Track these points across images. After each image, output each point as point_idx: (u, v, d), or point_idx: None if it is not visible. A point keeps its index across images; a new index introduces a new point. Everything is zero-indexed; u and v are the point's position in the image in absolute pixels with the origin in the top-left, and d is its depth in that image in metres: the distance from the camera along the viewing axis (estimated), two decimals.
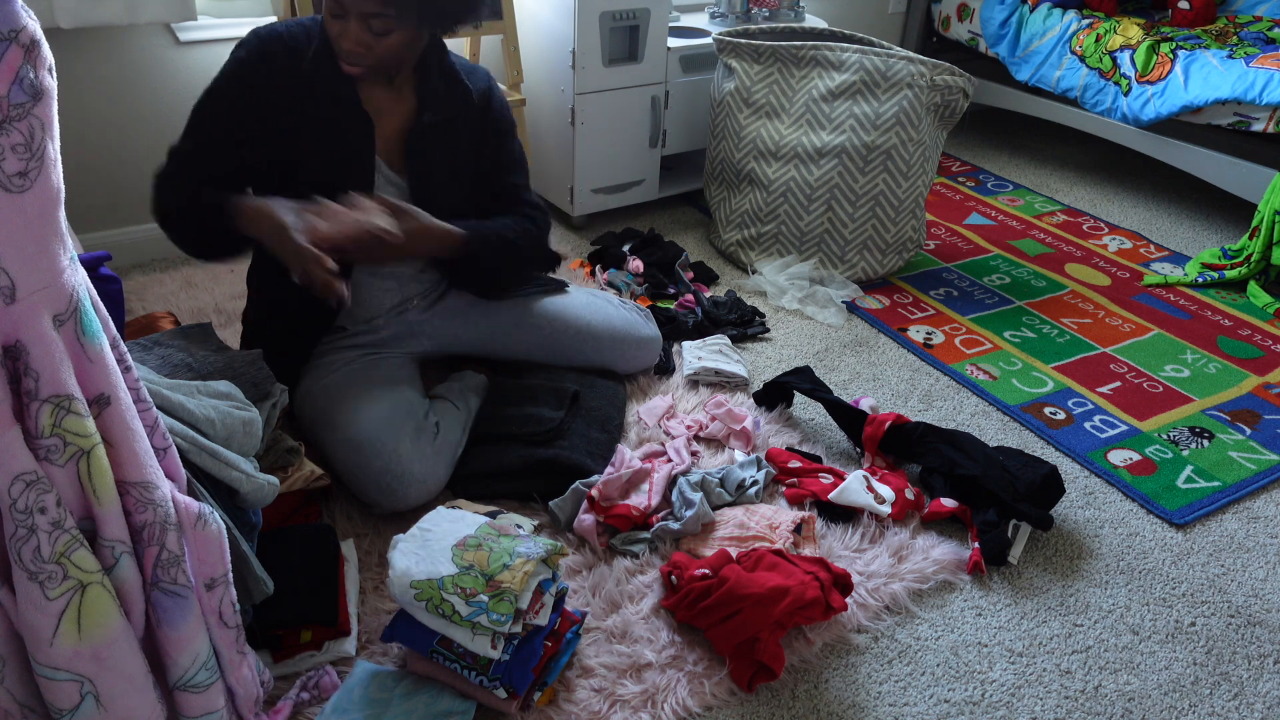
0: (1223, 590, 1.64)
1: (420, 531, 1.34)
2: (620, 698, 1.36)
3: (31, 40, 0.84)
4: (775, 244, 2.60)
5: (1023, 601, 1.59)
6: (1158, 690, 1.44)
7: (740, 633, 1.39)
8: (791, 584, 1.42)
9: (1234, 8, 3.42)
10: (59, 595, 0.94)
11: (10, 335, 0.89)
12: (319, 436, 1.68)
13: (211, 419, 1.26)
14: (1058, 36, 3.26)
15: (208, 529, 1.08)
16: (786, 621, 1.40)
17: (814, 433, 1.97)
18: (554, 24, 2.57)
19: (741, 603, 1.40)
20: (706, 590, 1.44)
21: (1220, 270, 2.69)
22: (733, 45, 2.55)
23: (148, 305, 2.28)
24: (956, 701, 1.40)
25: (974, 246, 2.86)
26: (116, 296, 1.78)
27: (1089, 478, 1.89)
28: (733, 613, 1.40)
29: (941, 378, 2.20)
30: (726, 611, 1.40)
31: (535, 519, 1.63)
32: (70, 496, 0.95)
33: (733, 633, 1.39)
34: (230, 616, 1.13)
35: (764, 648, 1.37)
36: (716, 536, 1.62)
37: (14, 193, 0.85)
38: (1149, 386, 2.19)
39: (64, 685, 0.97)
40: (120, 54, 2.30)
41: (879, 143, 2.42)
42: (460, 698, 1.30)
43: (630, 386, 2.05)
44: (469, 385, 1.88)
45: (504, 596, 1.24)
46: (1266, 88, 2.65)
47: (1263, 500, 1.85)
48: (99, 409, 0.97)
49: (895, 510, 1.70)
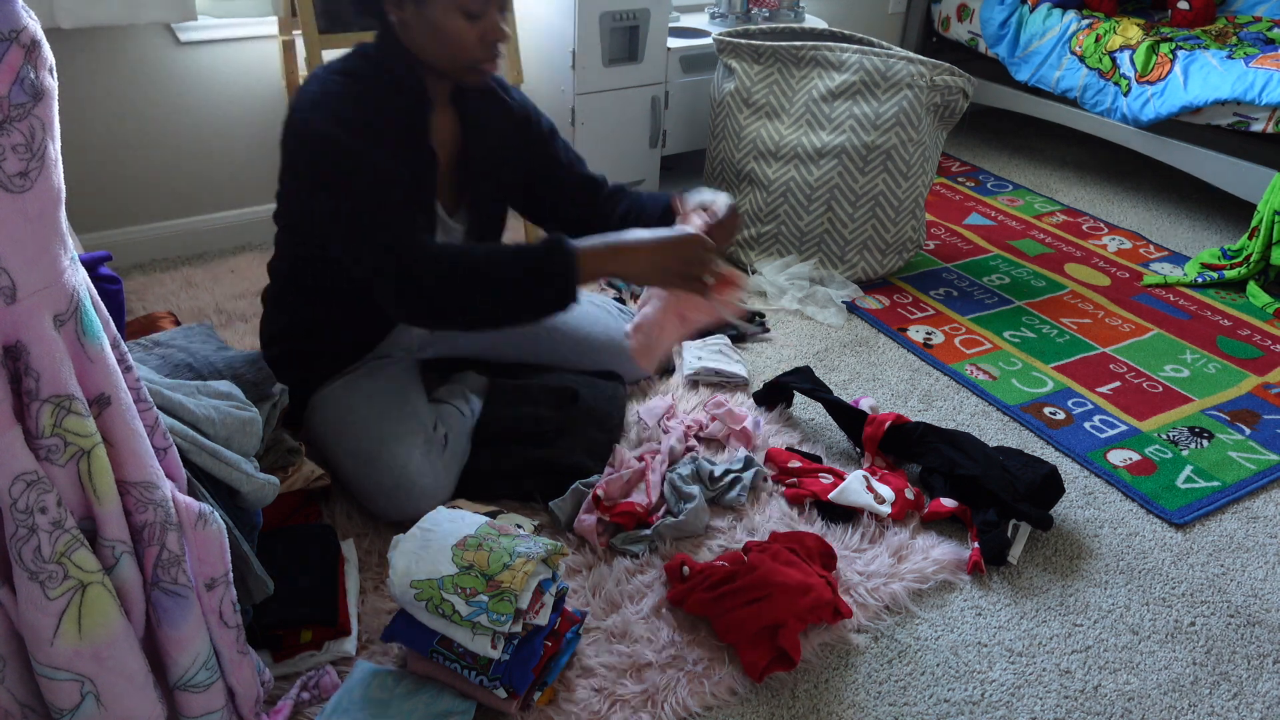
0: (1222, 590, 1.64)
1: (420, 531, 1.34)
2: (620, 698, 1.36)
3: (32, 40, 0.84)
4: (775, 244, 2.60)
5: (1022, 601, 1.59)
6: (1157, 690, 1.44)
7: (764, 617, 1.40)
8: (814, 582, 1.45)
9: (1234, 8, 3.42)
10: (59, 595, 0.94)
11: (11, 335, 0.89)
12: (329, 444, 1.66)
13: (212, 419, 1.26)
14: (1057, 37, 3.26)
15: (208, 529, 1.08)
16: (807, 616, 1.43)
17: (814, 433, 1.97)
18: (554, 24, 2.57)
19: (772, 589, 1.42)
20: (731, 575, 1.45)
21: (1220, 270, 2.69)
22: (733, 45, 2.55)
23: (148, 305, 2.28)
24: (956, 701, 1.40)
25: (974, 246, 2.86)
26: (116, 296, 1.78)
27: (1089, 478, 1.89)
28: (759, 597, 1.41)
29: (941, 378, 2.20)
30: (753, 595, 1.42)
31: (535, 519, 1.63)
32: (71, 496, 0.96)
33: (756, 616, 1.40)
34: (230, 616, 1.13)
35: (788, 634, 1.38)
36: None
37: (14, 193, 0.86)
38: (1149, 386, 2.19)
39: (64, 685, 0.97)
40: (120, 54, 2.30)
41: (879, 143, 2.42)
42: (460, 698, 1.30)
43: (630, 387, 2.05)
44: (470, 387, 1.88)
45: (504, 596, 1.24)
46: (1266, 88, 2.65)
47: (1262, 500, 1.85)
48: (99, 409, 0.97)
49: (895, 510, 1.70)
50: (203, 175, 2.52)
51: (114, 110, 2.34)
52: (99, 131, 2.35)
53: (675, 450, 1.81)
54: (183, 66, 2.38)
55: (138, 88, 2.35)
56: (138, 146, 2.41)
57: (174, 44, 2.36)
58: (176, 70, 2.38)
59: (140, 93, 2.36)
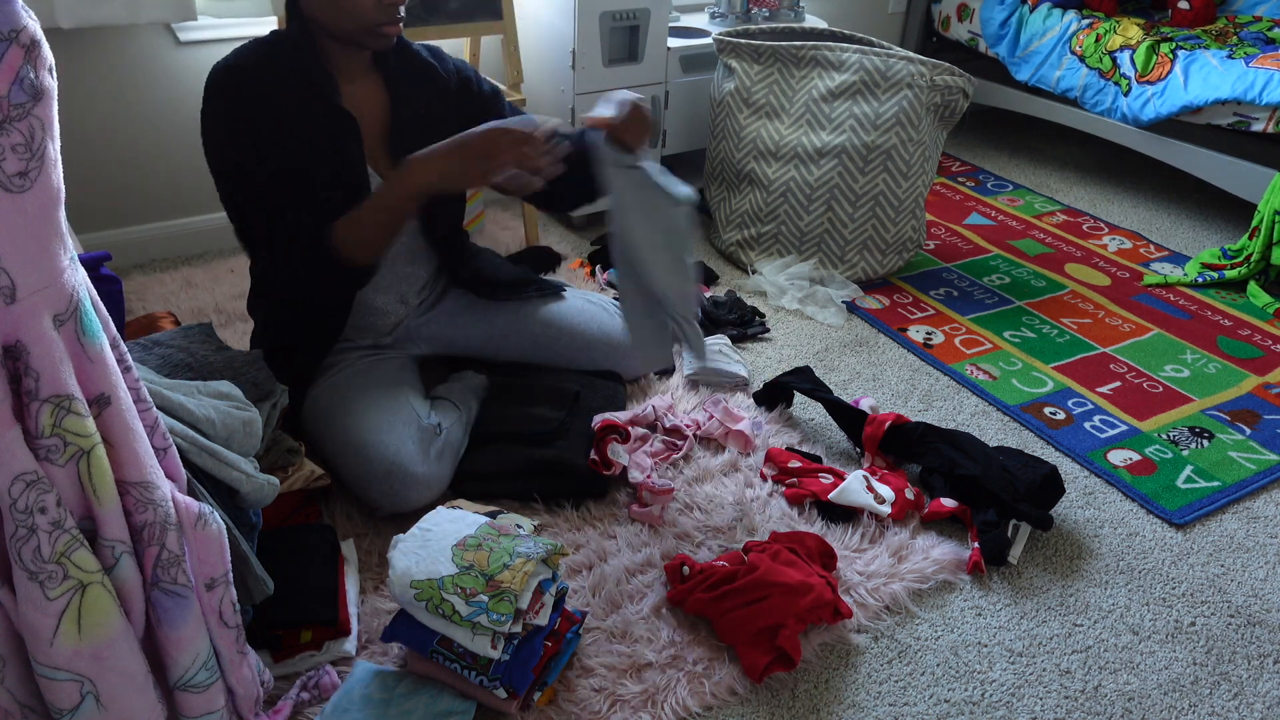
0: (1222, 590, 1.64)
1: (420, 531, 1.34)
2: (620, 698, 1.36)
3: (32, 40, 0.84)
4: (775, 244, 2.60)
5: (1023, 601, 1.59)
6: (1157, 690, 1.44)
7: (764, 618, 1.40)
8: (814, 582, 1.45)
9: (1234, 8, 3.42)
10: (59, 595, 0.94)
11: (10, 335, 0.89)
12: (322, 439, 1.68)
13: (211, 419, 1.26)
14: (1057, 37, 3.26)
15: (208, 529, 1.08)
16: (807, 616, 1.43)
17: (814, 433, 1.97)
18: (554, 24, 2.57)
19: (771, 590, 1.41)
20: (731, 575, 1.45)
21: (1220, 270, 2.69)
22: (733, 45, 2.55)
23: (148, 305, 2.28)
24: (956, 701, 1.40)
25: (974, 246, 2.86)
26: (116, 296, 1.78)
27: (1089, 478, 1.89)
28: (759, 598, 1.41)
29: (941, 378, 2.20)
30: (753, 596, 1.42)
31: (535, 519, 1.63)
32: (70, 496, 0.95)
33: (756, 617, 1.40)
34: (230, 616, 1.13)
35: (788, 634, 1.38)
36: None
37: (14, 193, 0.85)
38: (1149, 386, 2.19)
39: (64, 685, 0.97)
40: (120, 54, 2.30)
41: (879, 143, 2.42)
42: (460, 698, 1.30)
43: (630, 387, 2.05)
44: (469, 386, 1.88)
45: (504, 596, 1.24)
46: (1266, 88, 2.65)
47: (1262, 500, 1.85)
48: (99, 409, 0.97)
49: (895, 510, 1.70)
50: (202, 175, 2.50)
51: (114, 110, 2.34)
52: (99, 131, 2.35)
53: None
54: (183, 66, 2.38)
55: (138, 88, 2.35)
56: (138, 146, 2.41)
57: (174, 44, 2.36)
58: (176, 70, 2.38)
59: (140, 93, 2.36)
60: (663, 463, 1.82)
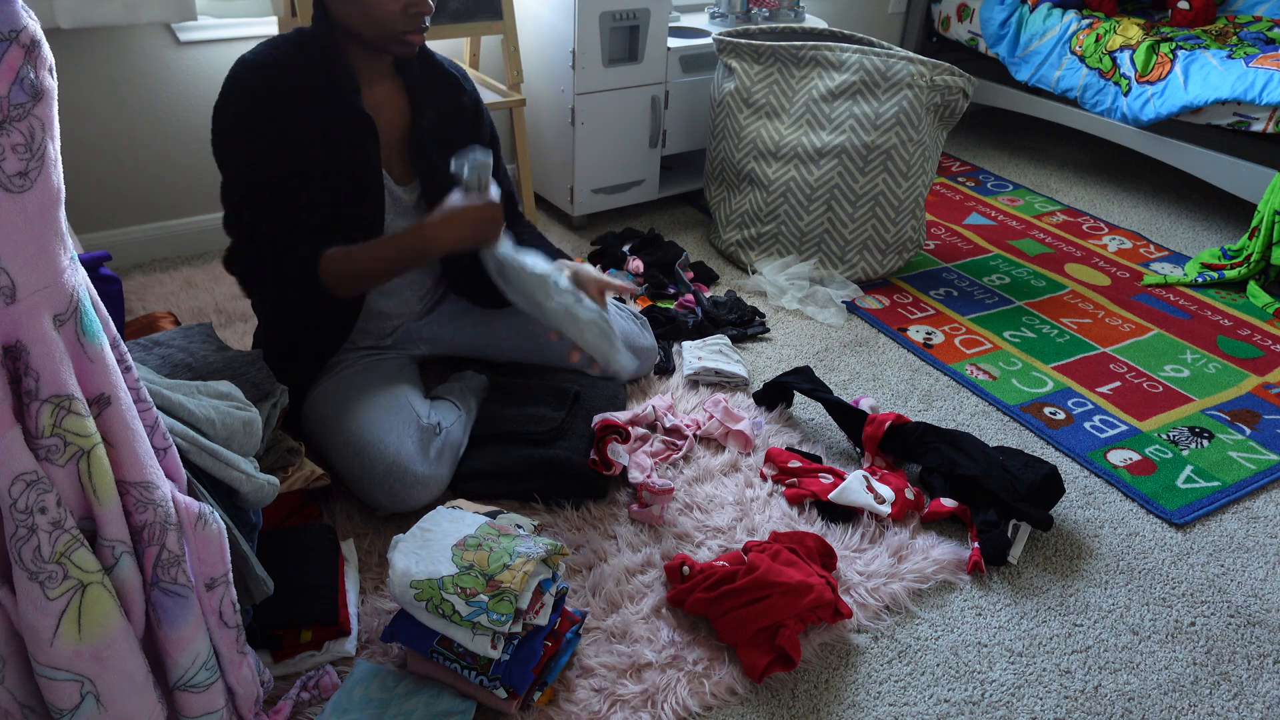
0: (1222, 590, 1.64)
1: (420, 531, 1.34)
2: (620, 698, 1.36)
3: (32, 40, 0.84)
4: (775, 244, 2.60)
5: (1023, 601, 1.59)
6: (1157, 690, 1.44)
7: (764, 618, 1.40)
8: (815, 582, 1.45)
9: (1234, 8, 3.42)
10: (59, 595, 0.94)
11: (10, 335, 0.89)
12: (322, 439, 1.68)
13: (211, 419, 1.26)
14: (1057, 37, 3.26)
15: (208, 529, 1.08)
16: (807, 616, 1.43)
17: (814, 433, 1.97)
18: (554, 24, 2.57)
19: (771, 590, 1.42)
20: (732, 575, 1.45)
21: (1220, 270, 2.69)
22: (733, 45, 2.55)
23: (148, 305, 2.28)
24: (956, 701, 1.40)
25: (974, 246, 2.86)
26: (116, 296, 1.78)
27: (1089, 478, 1.89)
28: (759, 598, 1.41)
29: (941, 378, 2.20)
30: (754, 596, 1.42)
31: (535, 519, 1.63)
32: (70, 496, 0.95)
33: (756, 617, 1.40)
34: (230, 616, 1.13)
35: (788, 634, 1.38)
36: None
37: (14, 193, 0.85)
38: (1149, 386, 2.19)
39: (64, 685, 0.97)
40: (120, 54, 2.30)
41: (879, 143, 2.42)
42: (460, 698, 1.30)
43: (630, 387, 2.05)
44: (469, 386, 1.88)
45: (504, 596, 1.24)
46: (1266, 88, 2.65)
47: (1262, 500, 1.85)
48: (99, 409, 0.97)
49: (895, 510, 1.70)
50: (202, 175, 2.52)
51: (114, 110, 2.34)
52: (99, 132, 2.35)
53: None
54: (183, 66, 2.38)
55: (138, 88, 2.35)
56: (138, 146, 2.41)
57: (174, 44, 2.36)
58: (176, 70, 2.38)
59: (140, 93, 2.36)
60: (663, 463, 1.82)
